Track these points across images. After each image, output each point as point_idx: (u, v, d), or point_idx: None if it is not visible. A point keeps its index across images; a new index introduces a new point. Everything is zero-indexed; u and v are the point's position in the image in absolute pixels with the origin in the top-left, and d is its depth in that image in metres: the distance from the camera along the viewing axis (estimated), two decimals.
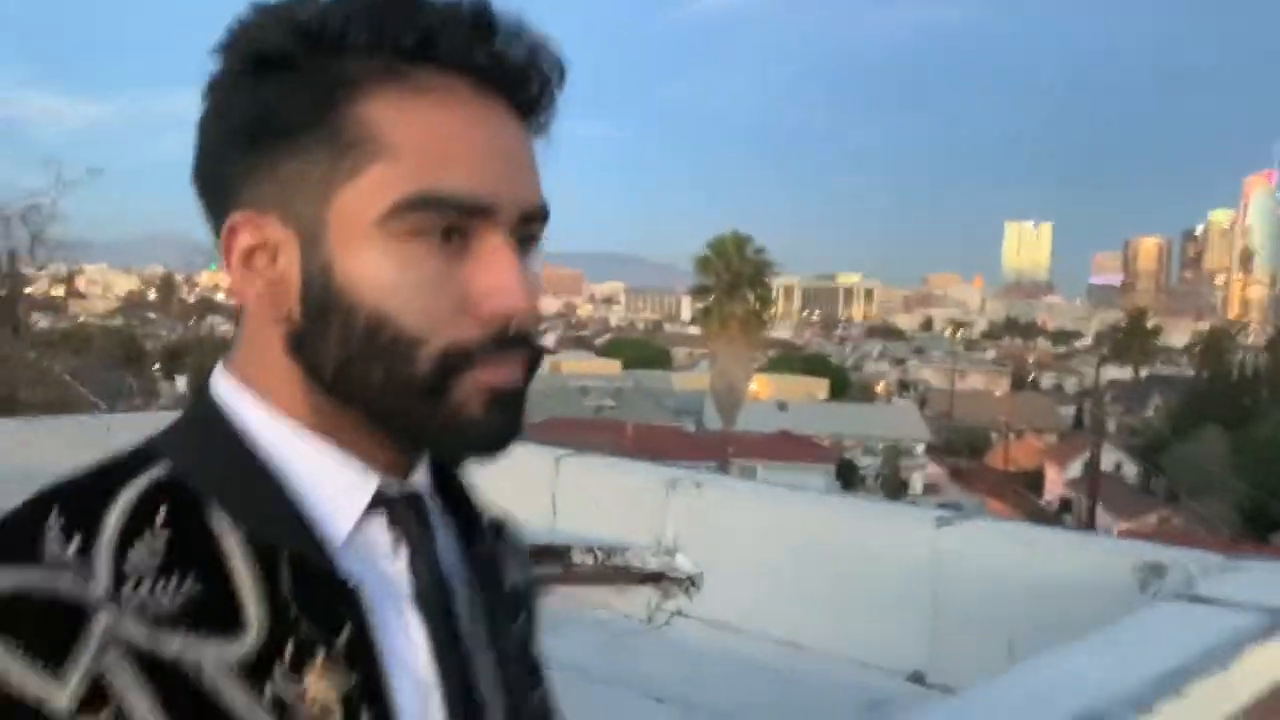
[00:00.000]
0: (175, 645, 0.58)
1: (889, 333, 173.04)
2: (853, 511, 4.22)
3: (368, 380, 0.64)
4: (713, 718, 3.54)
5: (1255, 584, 2.73)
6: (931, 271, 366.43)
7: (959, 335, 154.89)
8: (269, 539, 0.63)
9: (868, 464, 62.31)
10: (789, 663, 3.85)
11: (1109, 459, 57.43)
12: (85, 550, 0.58)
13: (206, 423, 0.67)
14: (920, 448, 65.93)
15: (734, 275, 38.15)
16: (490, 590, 0.74)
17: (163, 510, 0.61)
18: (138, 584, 0.58)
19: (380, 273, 0.62)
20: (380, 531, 0.68)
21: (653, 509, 4.28)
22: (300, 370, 0.66)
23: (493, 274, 0.64)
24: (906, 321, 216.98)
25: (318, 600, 0.63)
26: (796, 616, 3.91)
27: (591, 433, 49.23)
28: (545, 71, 0.67)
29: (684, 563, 4.21)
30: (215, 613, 0.59)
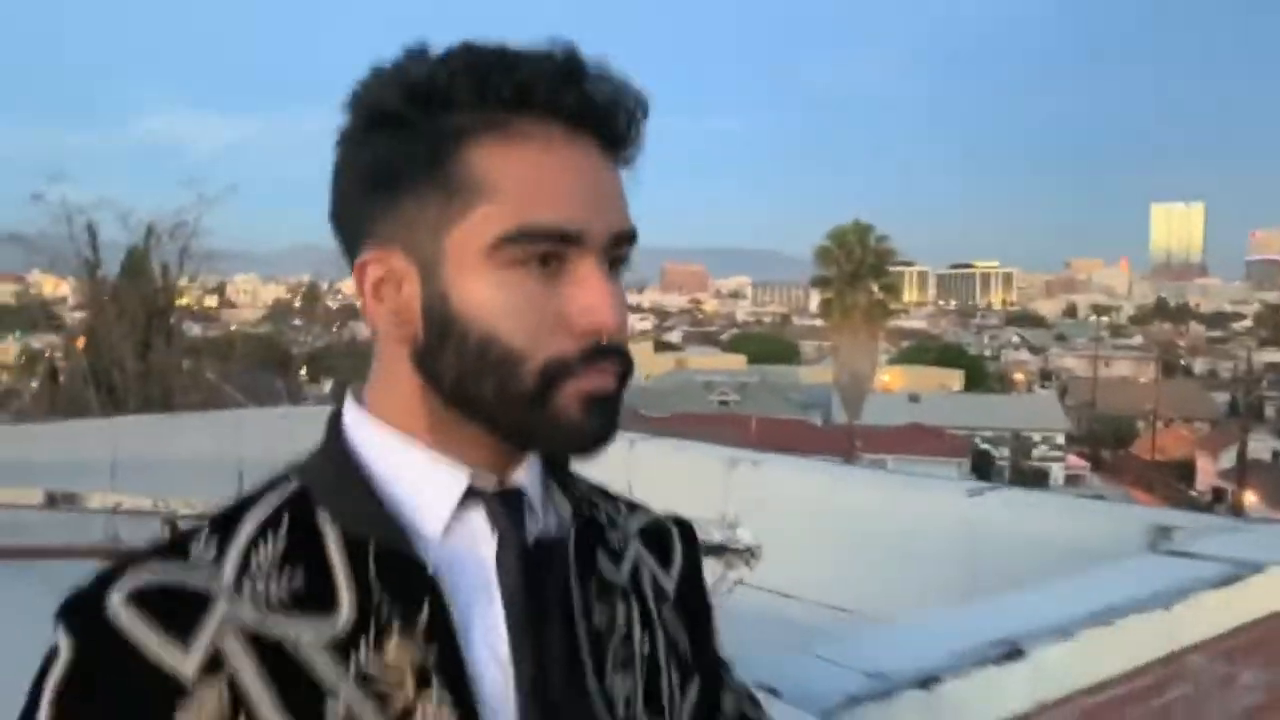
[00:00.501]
0: (280, 627, 0.69)
1: (1029, 320, 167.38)
2: (895, 484, 4.45)
3: (480, 391, 0.73)
4: None
5: (1241, 542, 2.90)
6: (1074, 256, 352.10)
7: (1104, 321, 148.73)
8: (360, 534, 0.73)
9: (1005, 456, 60.74)
10: (843, 628, 4.12)
11: (1268, 447, 54.37)
12: (220, 552, 0.72)
13: (328, 446, 0.78)
14: (1060, 438, 63.81)
15: (855, 265, 37.74)
16: (589, 576, 0.81)
17: (285, 519, 0.74)
18: (255, 578, 0.71)
19: (488, 298, 0.71)
20: (480, 522, 0.76)
21: (716, 486, 4.61)
22: (422, 383, 0.75)
23: (585, 294, 0.72)
24: (1048, 308, 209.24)
25: (400, 584, 0.71)
26: (849, 584, 4.17)
27: (715, 427, 49.42)
28: (629, 109, 0.75)
29: (745, 535, 4.52)
30: (315, 598, 0.71)
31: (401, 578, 0.71)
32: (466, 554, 0.75)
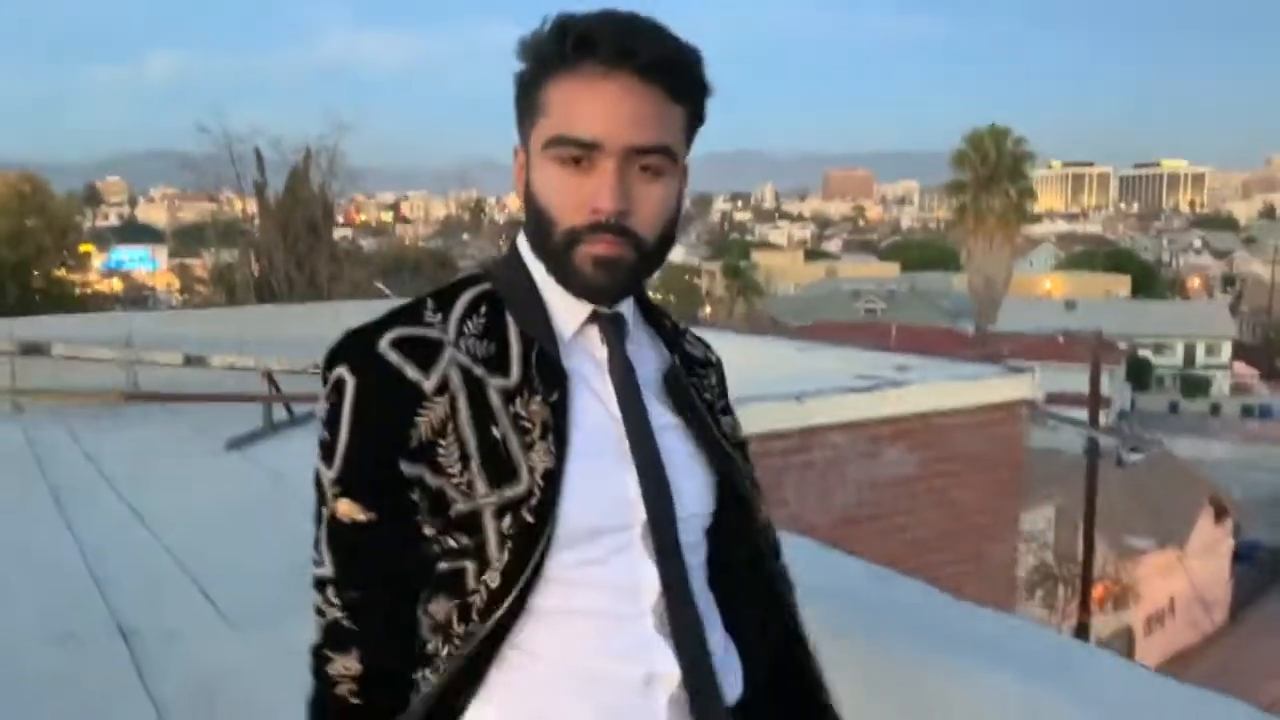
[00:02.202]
0: (480, 371, 1.08)
1: (1218, 223, 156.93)
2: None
3: (538, 244, 1.12)
4: None
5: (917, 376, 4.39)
6: (1278, 152, 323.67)
7: None
8: (530, 330, 1.11)
9: (1165, 364, 58.74)
10: None
11: None
12: (444, 319, 1.10)
13: (510, 261, 1.16)
14: (1227, 346, 61.05)
15: (990, 169, 37.37)
16: (673, 373, 1.19)
17: (484, 306, 1.12)
18: (466, 339, 1.10)
19: (542, 182, 1.09)
20: (596, 334, 1.14)
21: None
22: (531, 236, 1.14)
23: (594, 185, 1.05)
24: (1244, 210, 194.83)
25: (547, 371, 1.10)
26: None
27: (855, 335, 49.89)
28: (664, 54, 1.06)
29: None
30: (499, 362, 1.09)
31: (549, 367, 1.10)
32: (589, 353, 1.14)
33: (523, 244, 1.15)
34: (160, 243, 66.64)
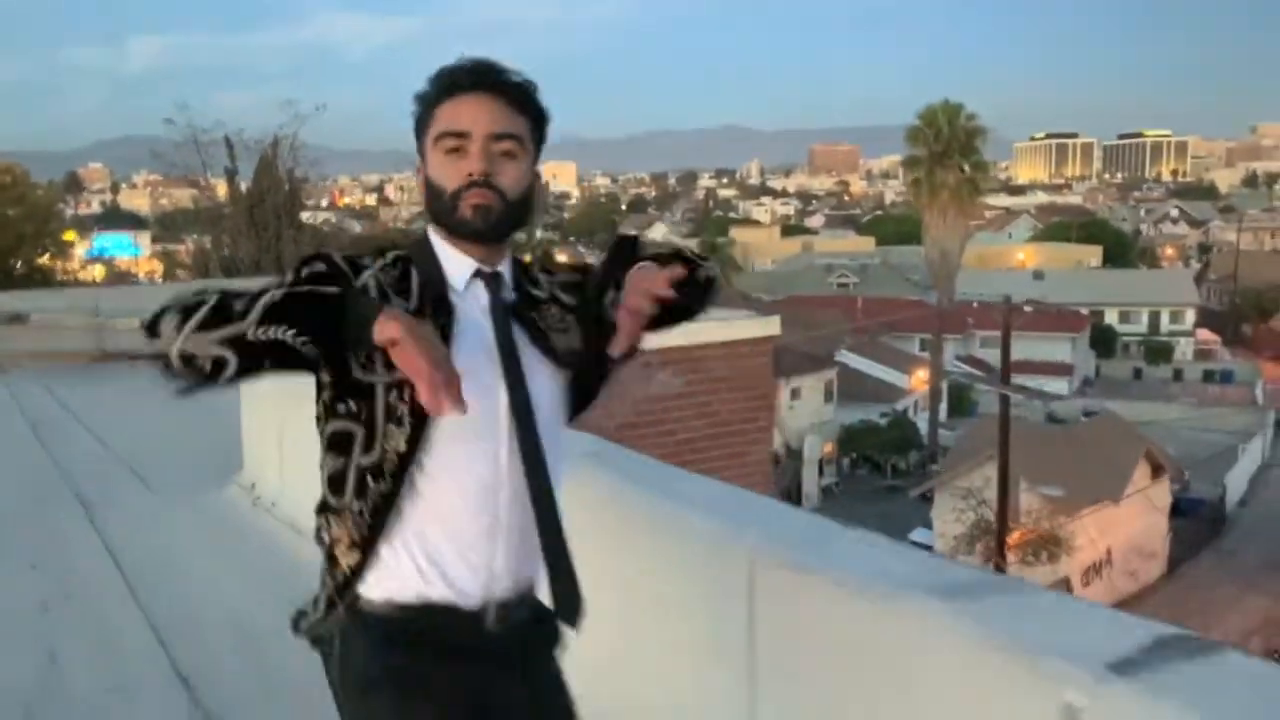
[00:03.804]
0: (391, 294, 1.50)
1: (1198, 192, 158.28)
2: None
3: (436, 210, 1.58)
4: None
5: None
6: (1262, 121, 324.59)
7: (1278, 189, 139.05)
8: (427, 282, 1.55)
9: (1134, 333, 60.31)
10: None
11: None
12: (371, 263, 1.53)
13: (419, 239, 1.62)
14: (1190, 313, 62.68)
15: (944, 145, 38.68)
16: (533, 316, 1.61)
17: (399, 264, 1.56)
18: (386, 275, 1.52)
19: (435, 167, 1.56)
20: (480, 286, 1.57)
21: None
22: (432, 216, 1.60)
23: (466, 162, 1.53)
24: (1227, 178, 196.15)
25: (439, 303, 1.52)
26: None
27: (824, 307, 51.31)
28: (501, 81, 1.58)
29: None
30: (404, 294, 1.51)
31: (440, 302, 1.53)
32: (475, 300, 1.57)
33: (430, 228, 1.62)
34: (143, 229, 67.72)
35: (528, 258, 1.70)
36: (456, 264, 1.55)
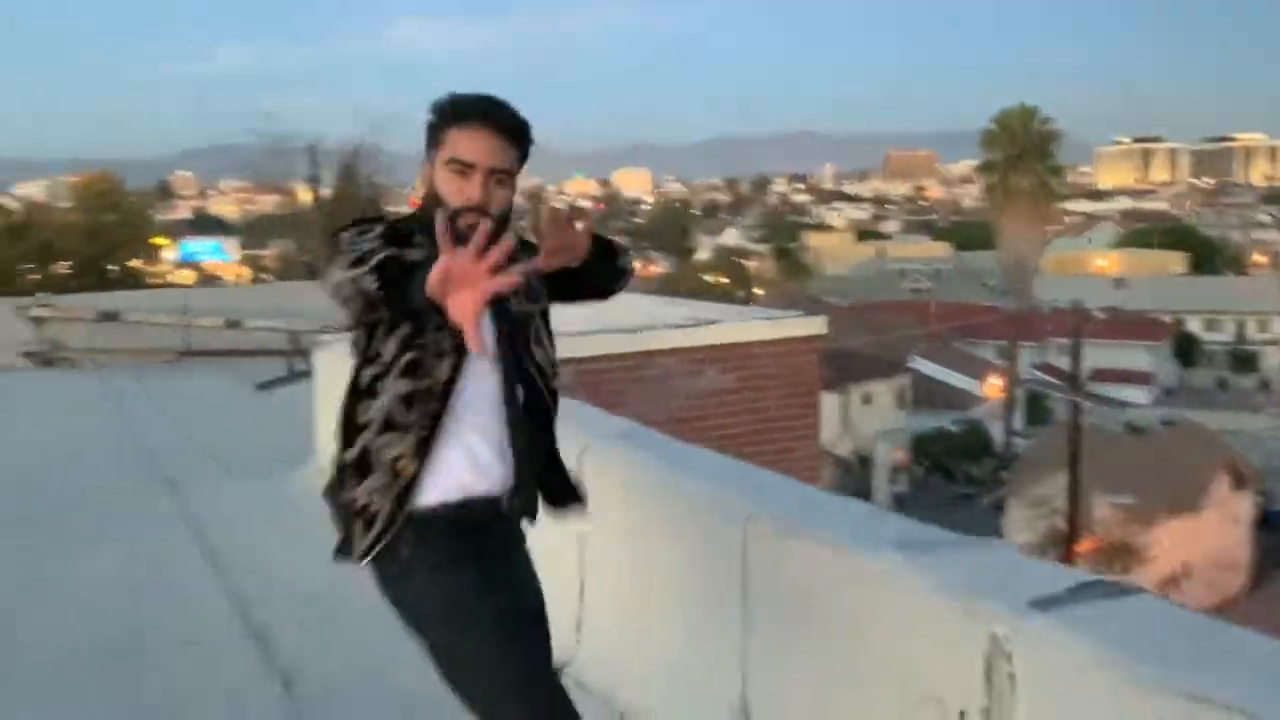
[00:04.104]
0: (403, 246, 1.83)
1: None
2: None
3: (435, 208, 1.86)
4: None
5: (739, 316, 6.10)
6: None
7: None
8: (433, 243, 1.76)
9: (1218, 341, 58.70)
10: None
11: None
12: (390, 225, 1.92)
13: (421, 210, 1.96)
14: (1278, 321, 60.70)
15: (1020, 149, 38.17)
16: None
17: (412, 226, 1.92)
18: (395, 235, 1.85)
19: (442, 182, 1.91)
20: None
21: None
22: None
23: (469, 187, 1.88)
24: None
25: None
26: None
27: (896, 313, 50.85)
28: (507, 119, 1.92)
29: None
30: (410, 247, 1.83)
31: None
32: None
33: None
34: (231, 234, 69.97)
35: None
36: None
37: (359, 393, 1.90)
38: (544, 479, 2.05)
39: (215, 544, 4.70)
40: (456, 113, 1.90)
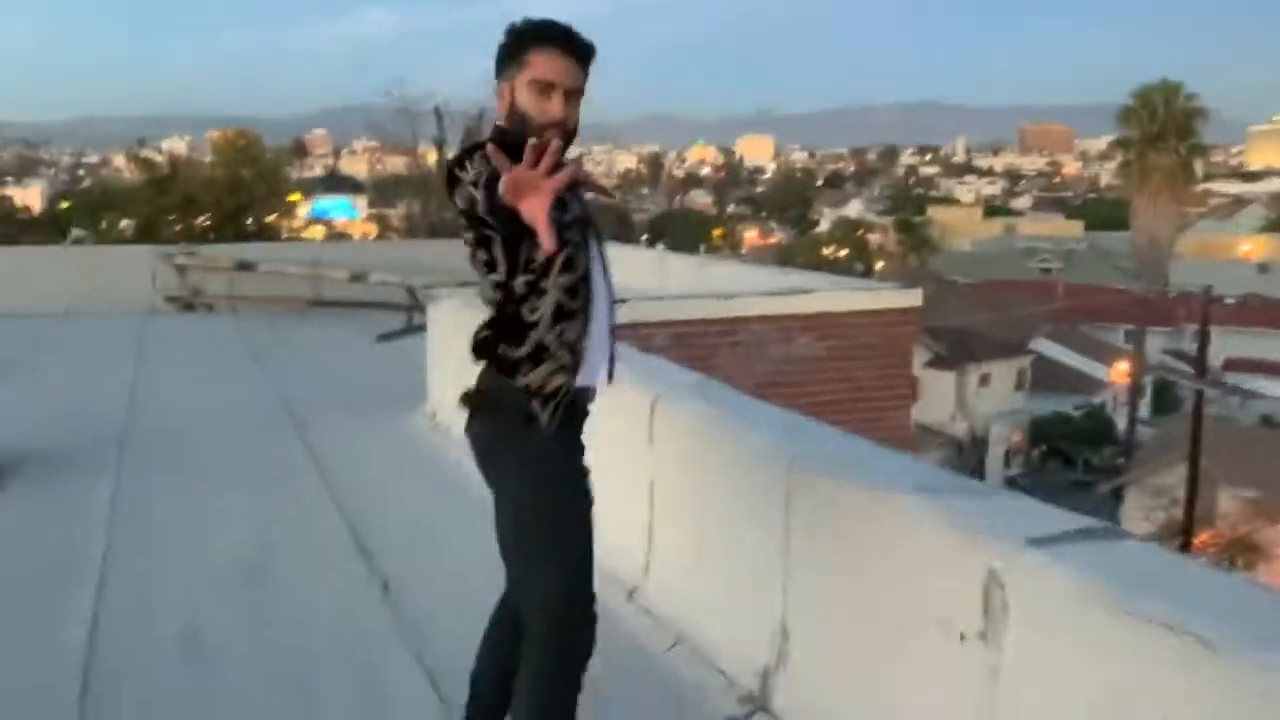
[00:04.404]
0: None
1: None
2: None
3: (520, 127, 2.10)
4: None
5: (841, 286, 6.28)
6: None
7: None
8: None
9: None
10: None
11: None
12: (475, 145, 2.07)
13: (509, 131, 2.11)
14: None
15: (1159, 126, 36.56)
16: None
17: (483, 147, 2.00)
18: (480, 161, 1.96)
19: (525, 100, 2.13)
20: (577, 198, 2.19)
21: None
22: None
23: (551, 105, 2.11)
24: None
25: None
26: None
27: (1021, 292, 49.40)
28: (580, 45, 2.17)
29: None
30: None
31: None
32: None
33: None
34: (359, 193, 72.24)
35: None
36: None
37: (518, 300, 2.09)
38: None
39: (334, 475, 5.16)
40: (538, 36, 2.12)
